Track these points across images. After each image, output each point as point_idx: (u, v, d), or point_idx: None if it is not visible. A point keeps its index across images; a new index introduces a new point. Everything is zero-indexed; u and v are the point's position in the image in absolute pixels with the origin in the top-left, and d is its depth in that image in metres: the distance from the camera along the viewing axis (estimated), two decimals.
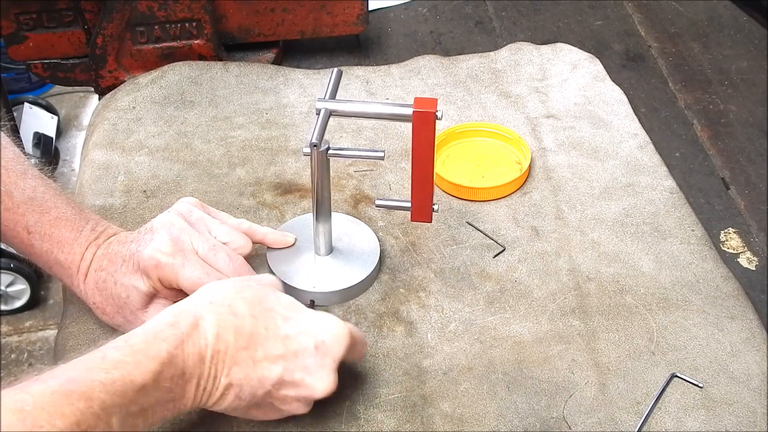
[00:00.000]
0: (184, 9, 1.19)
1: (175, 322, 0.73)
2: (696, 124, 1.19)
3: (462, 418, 0.83)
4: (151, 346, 0.70)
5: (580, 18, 1.38)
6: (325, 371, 0.76)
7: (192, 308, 0.74)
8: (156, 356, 0.70)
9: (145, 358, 0.69)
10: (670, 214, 1.02)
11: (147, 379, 0.68)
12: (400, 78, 1.22)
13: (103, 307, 0.88)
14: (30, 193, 0.87)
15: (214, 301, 0.75)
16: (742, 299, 0.93)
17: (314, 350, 0.76)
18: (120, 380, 0.67)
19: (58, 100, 2.60)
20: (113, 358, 0.68)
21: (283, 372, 0.75)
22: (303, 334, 0.76)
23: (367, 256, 0.96)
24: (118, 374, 0.67)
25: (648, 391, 0.85)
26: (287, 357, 0.75)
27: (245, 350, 0.74)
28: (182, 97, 1.19)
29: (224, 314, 0.74)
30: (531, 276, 0.96)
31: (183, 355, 0.71)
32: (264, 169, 1.09)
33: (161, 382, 0.69)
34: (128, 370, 0.68)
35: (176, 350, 0.71)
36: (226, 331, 0.73)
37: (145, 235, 0.86)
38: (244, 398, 0.75)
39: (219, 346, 0.73)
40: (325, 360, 0.76)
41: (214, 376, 0.73)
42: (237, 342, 0.73)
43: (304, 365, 0.76)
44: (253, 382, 0.74)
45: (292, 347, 0.75)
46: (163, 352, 0.70)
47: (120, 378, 0.67)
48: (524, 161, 1.08)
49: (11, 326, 2.16)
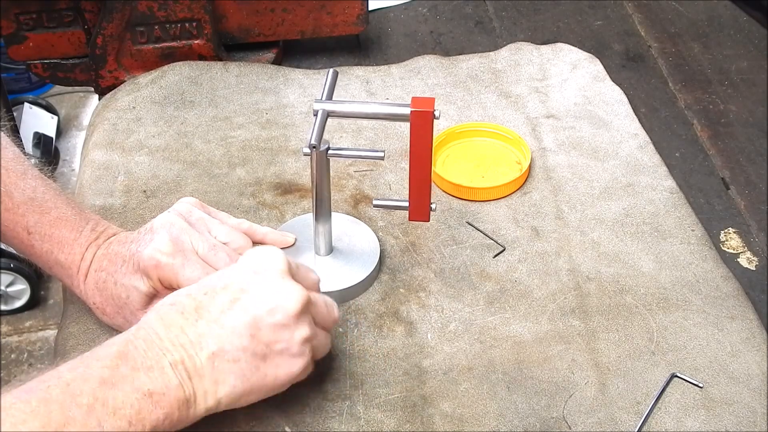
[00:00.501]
0: (184, 9, 1.19)
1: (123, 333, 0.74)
2: (696, 124, 1.19)
3: (462, 418, 0.83)
4: (99, 351, 0.72)
5: (580, 18, 1.38)
6: (278, 284, 0.76)
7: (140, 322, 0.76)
8: (105, 356, 0.71)
9: (95, 361, 0.71)
10: (670, 214, 1.02)
11: (103, 374, 0.69)
12: (400, 78, 1.22)
13: (103, 307, 0.88)
14: (30, 194, 0.88)
15: (151, 310, 0.76)
16: (742, 299, 0.93)
17: (255, 275, 0.76)
18: (74, 381, 0.68)
19: (58, 100, 2.60)
20: (64, 368, 0.70)
21: (245, 310, 0.75)
22: (237, 272, 0.77)
23: (367, 256, 0.96)
24: (70, 377, 0.69)
25: (648, 391, 0.85)
26: (238, 297, 0.75)
27: (200, 320, 0.74)
28: (182, 97, 1.19)
29: (161, 309, 0.75)
30: (531, 276, 0.96)
31: (135, 350, 0.72)
32: (264, 169, 1.09)
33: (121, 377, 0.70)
34: (80, 372, 0.69)
35: (125, 347, 0.72)
36: (170, 317, 0.74)
37: (145, 235, 0.86)
38: (239, 358, 0.74)
39: (173, 332, 0.73)
40: (270, 273, 0.76)
41: (188, 356, 0.73)
42: (187, 319, 0.74)
43: (258, 292, 0.75)
44: (230, 338, 0.74)
45: (236, 287, 0.75)
46: (113, 351, 0.71)
47: (72, 379, 0.69)
48: (524, 161, 1.08)
49: (11, 326, 2.16)
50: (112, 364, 0.70)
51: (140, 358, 0.71)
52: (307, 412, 0.83)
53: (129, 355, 0.71)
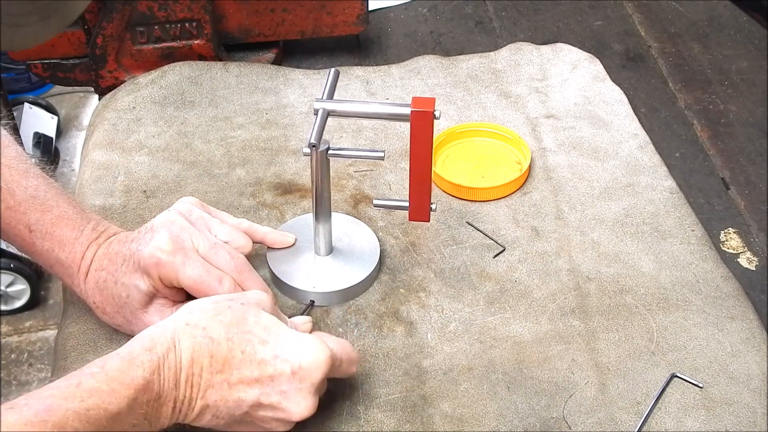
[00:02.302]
0: (184, 9, 1.19)
1: (151, 346, 0.73)
2: (696, 124, 1.19)
3: (462, 418, 0.83)
4: (127, 373, 0.70)
5: (580, 18, 1.38)
6: (302, 395, 0.75)
7: (170, 330, 0.74)
8: (131, 383, 0.70)
9: (120, 386, 0.69)
10: (670, 214, 1.02)
11: (122, 406, 0.68)
12: (400, 78, 1.22)
13: (103, 306, 0.88)
14: (32, 192, 0.88)
15: (191, 323, 0.75)
16: (742, 299, 0.93)
17: (291, 375, 0.75)
18: (95, 408, 0.67)
19: (58, 100, 2.60)
20: (88, 386, 0.68)
21: (260, 395, 0.75)
22: (280, 359, 0.75)
23: (367, 256, 0.96)
24: (92, 402, 0.67)
25: (648, 391, 0.85)
26: (263, 381, 0.75)
27: (220, 374, 0.74)
28: (182, 97, 1.19)
29: (199, 337, 0.74)
30: (531, 276, 0.96)
31: (159, 380, 0.71)
32: (264, 169, 1.09)
33: (136, 408, 0.70)
34: (103, 398, 0.68)
35: (152, 376, 0.71)
36: (201, 355, 0.73)
37: (146, 234, 0.86)
38: (222, 417, 0.75)
39: (193, 370, 0.73)
40: (302, 384, 0.75)
41: (189, 398, 0.73)
42: (212, 366, 0.73)
43: (281, 390, 0.75)
44: (230, 404, 0.74)
45: (268, 372, 0.75)
46: (139, 378, 0.70)
47: (95, 406, 0.67)
48: (524, 161, 1.08)
49: (11, 326, 2.16)
50: (134, 396, 0.70)
51: (158, 390, 0.71)
52: None
53: (152, 387, 0.71)
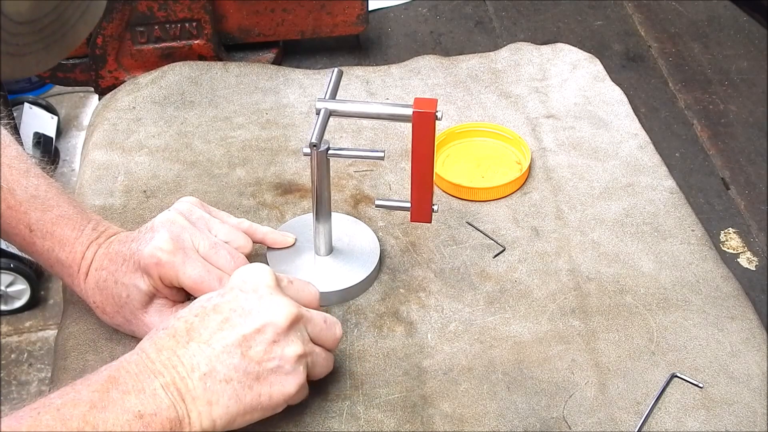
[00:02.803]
0: (184, 9, 1.19)
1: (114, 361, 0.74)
2: (696, 124, 1.19)
3: (462, 418, 0.83)
4: (90, 378, 0.72)
5: (580, 18, 1.38)
6: (266, 299, 0.76)
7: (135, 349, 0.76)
8: (96, 381, 0.71)
9: (85, 387, 0.71)
10: (670, 214, 1.02)
11: (93, 398, 0.70)
12: (400, 78, 1.22)
13: (103, 306, 0.88)
14: (33, 191, 0.88)
15: (146, 337, 0.76)
16: (742, 299, 0.93)
17: (241, 292, 0.76)
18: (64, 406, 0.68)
19: (58, 100, 2.60)
20: (55, 395, 0.70)
21: (235, 330, 0.75)
22: (225, 293, 0.77)
23: (367, 256, 0.96)
24: (60, 402, 0.69)
25: (648, 391, 0.85)
26: (229, 317, 0.75)
27: (191, 341, 0.74)
28: (182, 97, 1.19)
29: (154, 335, 0.76)
30: (531, 276, 0.96)
31: (127, 374, 0.72)
32: (264, 169, 1.09)
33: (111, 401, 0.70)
34: (71, 397, 0.70)
35: (116, 372, 0.72)
36: (162, 341, 0.74)
37: (146, 234, 0.86)
38: (231, 378, 0.74)
39: (163, 355, 0.73)
40: (258, 292, 0.76)
41: (180, 377, 0.73)
42: (178, 342, 0.74)
43: (247, 310, 0.76)
44: (221, 357, 0.74)
45: (226, 308, 0.76)
46: (103, 376, 0.72)
47: (62, 405, 0.69)
48: (524, 161, 1.08)
49: (11, 326, 2.16)
50: (103, 388, 0.70)
51: (131, 381, 0.71)
52: (307, 412, 0.83)
53: (120, 380, 0.71)
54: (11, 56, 0.58)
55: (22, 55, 0.60)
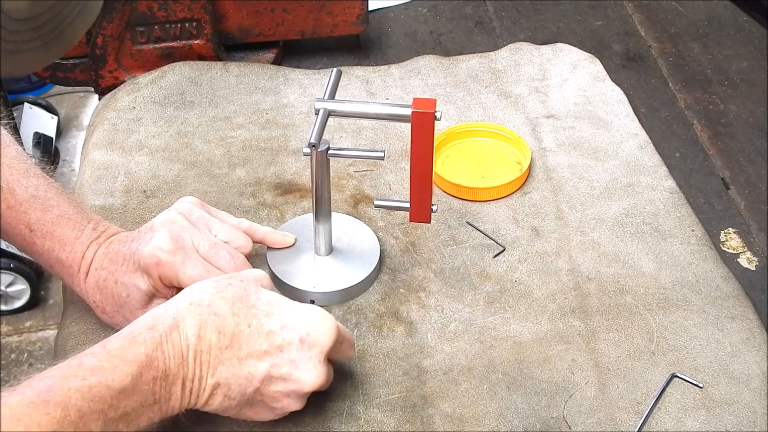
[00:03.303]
0: (184, 9, 1.19)
1: (153, 324, 0.73)
2: (696, 124, 1.19)
3: (462, 418, 0.83)
4: (128, 350, 0.70)
5: (580, 18, 1.38)
6: (312, 363, 0.76)
7: (172, 310, 0.74)
8: (133, 360, 0.70)
9: (122, 363, 0.69)
10: (670, 214, 1.02)
11: (125, 383, 0.68)
12: (400, 78, 1.22)
13: (102, 306, 0.88)
14: (33, 191, 0.88)
15: (194, 302, 0.75)
16: (742, 299, 0.93)
17: (299, 343, 0.76)
18: (97, 386, 0.67)
19: (58, 100, 2.60)
20: (90, 364, 0.69)
21: (270, 368, 0.75)
22: (287, 329, 0.76)
23: (367, 256, 0.96)
24: (95, 380, 0.67)
25: (648, 391, 0.85)
26: (272, 352, 0.75)
27: (229, 349, 0.74)
28: (182, 97, 1.19)
29: (205, 315, 0.74)
30: (531, 276, 0.96)
31: (163, 357, 0.71)
32: (264, 169, 1.09)
33: (141, 385, 0.69)
34: (105, 375, 0.68)
35: (155, 352, 0.71)
36: (208, 331, 0.73)
37: (146, 233, 0.86)
38: (233, 397, 0.75)
39: (201, 347, 0.73)
40: (311, 352, 0.76)
41: (199, 376, 0.73)
42: (220, 341, 0.74)
43: (290, 359, 0.75)
44: (241, 381, 0.74)
45: (277, 342, 0.75)
46: (141, 355, 0.70)
47: (97, 384, 0.67)
48: (524, 161, 1.08)
49: (11, 326, 2.16)
50: (137, 372, 0.70)
51: (163, 366, 0.71)
52: (307, 412, 0.83)
53: (156, 364, 0.71)
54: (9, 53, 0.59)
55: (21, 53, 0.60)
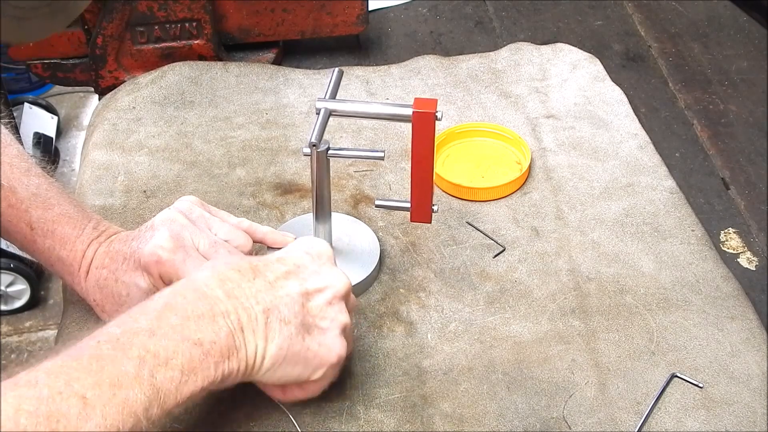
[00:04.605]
0: (184, 9, 1.19)
1: (166, 288, 0.75)
2: (696, 124, 1.19)
3: (462, 418, 0.83)
4: (146, 305, 0.72)
5: (580, 18, 1.38)
6: (328, 267, 0.80)
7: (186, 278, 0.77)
8: (152, 309, 0.71)
9: (141, 314, 0.71)
10: (670, 214, 1.02)
11: (153, 325, 0.69)
12: (400, 78, 1.22)
13: (102, 304, 0.88)
14: (34, 190, 0.88)
15: (201, 269, 0.77)
16: (742, 299, 0.93)
17: (308, 256, 0.80)
18: (123, 334, 0.68)
19: (58, 100, 2.60)
20: (112, 323, 0.70)
21: (300, 282, 0.77)
22: (291, 252, 0.80)
23: (367, 256, 0.96)
24: (119, 331, 0.68)
25: (648, 391, 0.85)
26: (293, 271, 0.78)
27: (258, 278, 0.75)
28: (182, 97, 1.19)
29: (216, 265, 0.76)
30: (531, 276, 0.96)
31: (184, 301, 0.72)
32: (264, 169, 1.09)
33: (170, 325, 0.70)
34: (129, 326, 0.69)
35: (174, 299, 0.72)
36: (228, 273, 0.75)
37: (146, 232, 0.86)
38: (289, 320, 0.75)
39: (228, 285, 0.74)
40: (322, 259, 0.80)
41: (243, 307, 0.73)
42: (244, 276, 0.75)
43: (312, 271, 0.79)
44: (285, 299, 0.75)
45: (290, 264, 0.78)
46: (159, 303, 0.72)
47: (123, 333, 0.68)
48: (524, 161, 1.08)
49: (11, 326, 2.16)
50: (161, 315, 0.70)
51: (190, 307, 0.71)
52: (307, 412, 0.83)
53: (177, 306, 0.71)
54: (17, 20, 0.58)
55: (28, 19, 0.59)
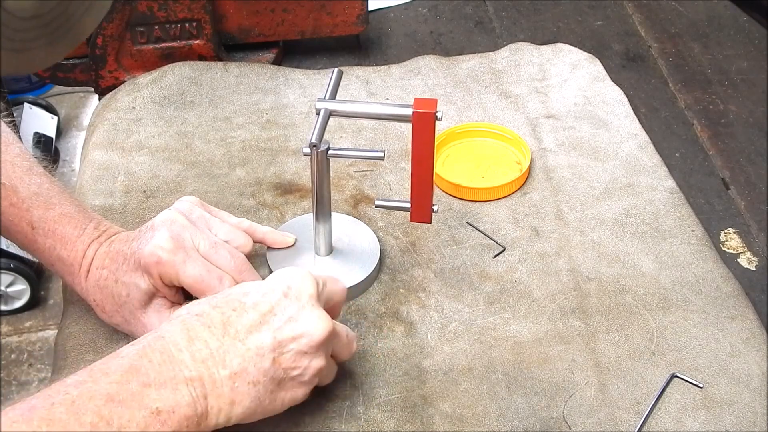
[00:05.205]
0: (184, 9, 1.19)
1: (137, 342, 0.73)
2: (696, 124, 1.19)
3: (462, 418, 0.83)
4: (110, 364, 0.70)
5: (580, 18, 1.38)
6: (308, 311, 0.76)
7: (155, 330, 0.74)
8: (116, 370, 0.69)
9: (103, 375, 0.68)
10: (670, 214, 1.02)
11: (110, 390, 0.67)
12: (400, 78, 1.22)
13: (102, 305, 0.88)
14: (35, 189, 0.88)
15: (173, 317, 0.75)
16: (742, 299, 0.93)
17: (285, 298, 0.75)
18: (80, 398, 0.66)
19: (58, 100, 2.60)
20: (72, 381, 0.68)
21: (273, 333, 0.74)
22: (267, 294, 0.76)
23: (367, 256, 0.96)
24: (76, 393, 0.67)
25: (648, 391, 0.85)
26: (267, 320, 0.74)
27: (225, 336, 0.73)
28: (182, 97, 1.19)
29: (187, 319, 0.74)
30: (531, 276, 0.96)
31: (150, 364, 0.70)
32: (264, 170, 1.09)
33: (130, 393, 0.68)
34: (87, 387, 0.67)
35: (139, 361, 0.70)
36: (197, 331, 0.73)
37: (146, 233, 0.86)
38: (258, 380, 0.73)
39: (196, 345, 0.72)
40: (301, 302, 0.76)
41: (209, 374, 0.72)
42: (213, 334, 0.73)
43: (287, 317, 0.75)
44: (254, 359, 0.73)
45: (265, 308, 0.75)
46: (123, 366, 0.69)
47: (79, 396, 0.66)
48: (524, 161, 1.08)
49: (11, 326, 2.16)
50: (122, 380, 0.68)
51: (153, 373, 0.70)
52: (307, 412, 0.83)
53: (141, 370, 0.69)
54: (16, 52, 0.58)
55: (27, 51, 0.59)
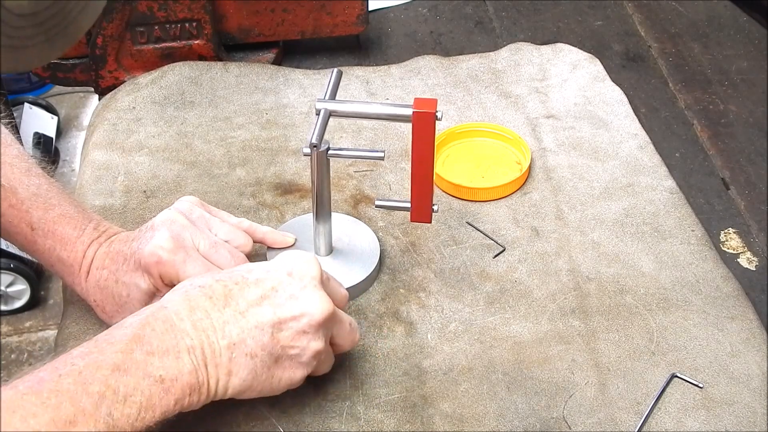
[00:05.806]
0: (184, 9, 1.19)
1: (139, 312, 0.74)
2: (696, 124, 1.19)
3: (462, 418, 0.83)
4: (114, 334, 0.71)
5: (580, 18, 1.38)
6: (310, 291, 0.77)
7: (158, 301, 0.76)
8: (120, 340, 0.70)
9: (108, 345, 0.70)
10: (670, 214, 1.02)
11: (116, 360, 0.69)
12: (400, 78, 1.22)
13: (103, 305, 0.88)
14: (34, 190, 0.88)
15: (177, 288, 0.76)
16: (742, 299, 0.93)
17: (288, 277, 0.77)
18: (86, 369, 0.68)
19: (58, 100, 2.60)
20: (78, 353, 0.70)
21: (274, 310, 0.75)
22: (271, 271, 0.77)
23: (367, 256, 0.96)
24: (83, 364, 0.68)
25: (648, 391, 0.85)
26: (268, 295, 0.76)
27: (227, 308, 0.74)
28: (182, 97, 1.19)
29: (189, 289, 0.75)
30: (531, 276, 0.96)
31: (153, 333, 0.71)
32: (264, 170, 1.09)
33: (135, 361, 0.69)
34: (93, 358, 0.69)
35: (142, 330, 0.71)
36: (198, 301, 0.74)
37: (146, 233, 0.86)
38: (256, 353, 0.74)
39: (197, 315, 0.73)
40: (304, 282, 0.77)
41: (208, 342, 0.73)
42: (214, 305, 0.74)
43: (288, 295, 0.76)
44: (253, 332, 0.74)
45: (268, 285, 0.76)
46: (127, 335, 0.71)
47: (85, 367, 0.68)
48: (524, 161, 1.08)
49: (11, 326, 2.16)
50: (127, 348, 0.70)
51: (156, 341, 0.71)
52: (307, 412, 0.83)
53: (145, 339, 0.71)
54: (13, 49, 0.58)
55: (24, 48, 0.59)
